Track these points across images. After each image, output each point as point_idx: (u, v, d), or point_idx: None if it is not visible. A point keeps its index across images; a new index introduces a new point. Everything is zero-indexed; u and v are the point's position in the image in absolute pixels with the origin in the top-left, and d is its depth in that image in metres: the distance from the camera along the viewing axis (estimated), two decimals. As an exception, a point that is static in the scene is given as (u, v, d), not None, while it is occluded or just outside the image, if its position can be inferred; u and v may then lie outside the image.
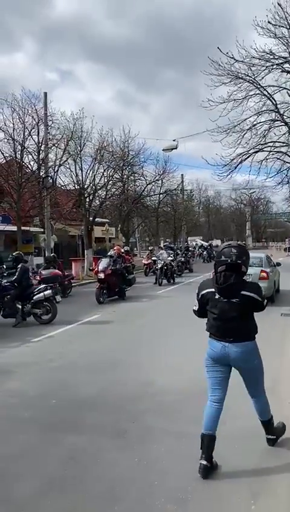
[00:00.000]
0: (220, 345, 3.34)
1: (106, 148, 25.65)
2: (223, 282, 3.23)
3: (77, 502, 2.92)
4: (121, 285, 13.85)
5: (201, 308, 3.55)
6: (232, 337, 3.30)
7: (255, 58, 14.85)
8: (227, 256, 3.23)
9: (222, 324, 3.33)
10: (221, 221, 75.36)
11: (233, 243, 3.42)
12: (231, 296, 3.27)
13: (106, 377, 5.75)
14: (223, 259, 3.25)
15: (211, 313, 3.42)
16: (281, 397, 4.72)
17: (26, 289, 10.06)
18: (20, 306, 9.92)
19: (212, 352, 3.41)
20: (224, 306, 3.30)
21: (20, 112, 18.61)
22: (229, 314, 3.29)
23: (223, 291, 3.27)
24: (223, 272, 3.23)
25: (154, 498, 2.93)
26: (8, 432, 4.15)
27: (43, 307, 10.08)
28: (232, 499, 2.91)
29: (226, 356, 3.34)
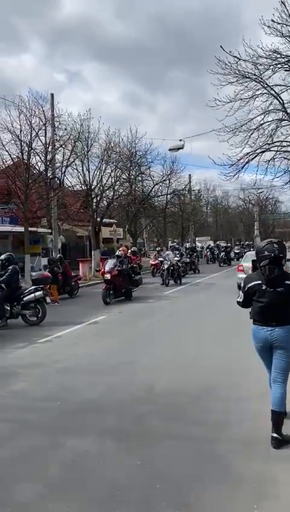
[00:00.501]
0: (264, 330, 3.78)
1: (113, 148, 25.69)
2: (269, 274, 3.64)
3: (79, 505, 2.91)
4: (128, 286, 13.84)
5: (246, 299, 3.97)
6: (275, 321, 3.71)
7: (262, 57, 14.79)
8: (270, 251, 3.63)
9: (268, 311, 3.74)
10: (229, 221, 74.97)
11: (273, 240, 3.83)
12: (276, 286, 3.68)
13: (110, 378, 5.74)
14: (267, 254, 3.64)
15: (258, 302, 3.83)
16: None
17: (15, 291, 9.99)
18: (8, 308, 9.82)
19: (256, 339, 3.89)
20: (271, 295, 3.71)
21: (27, 113, 18.69)
22: (275, 302, 3.70)
23: (270, 282, 3.69)
24: (268, 266, 3.63)
25: (156, 502, 2.90)
26: (11, 434, 4.15)
27: (32, 308, 10.10)
28: (234, 502, 2.87)
29: (269, 339, 3.74)
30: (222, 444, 3.71)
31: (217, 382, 5.36)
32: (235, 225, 75.85)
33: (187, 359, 6.54)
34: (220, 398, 4.79)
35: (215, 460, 3.44)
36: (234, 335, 8.21)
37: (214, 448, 3.63)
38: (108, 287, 13.09)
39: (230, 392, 4.97)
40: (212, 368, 6.03)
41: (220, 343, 7.58)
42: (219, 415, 4.32)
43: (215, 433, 3.90)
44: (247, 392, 4.96)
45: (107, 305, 12.65)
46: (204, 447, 3.64)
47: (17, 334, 9.13)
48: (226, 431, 3.96)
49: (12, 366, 6.59)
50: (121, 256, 14.06)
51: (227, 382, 5.33)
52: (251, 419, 4.19)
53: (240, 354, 6.67)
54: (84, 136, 23.45)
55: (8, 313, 9.80)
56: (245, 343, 7.34)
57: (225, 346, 7.28)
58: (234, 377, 5.55)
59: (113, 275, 13.12)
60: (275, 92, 15.65)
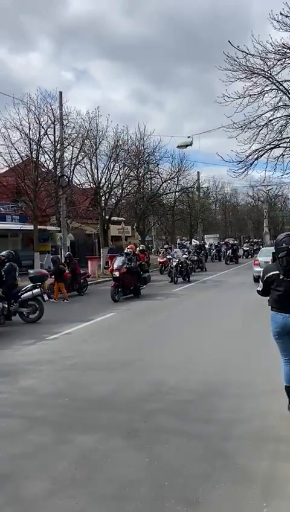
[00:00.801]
0: (282, 316, 4.04)
1: (121, 146, 25.66)
2: (286, 265, 3.91)
3: (87, 501, 2.91)
4: (136, 284, 13.85)
5: (265, 288, 4.25)
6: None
7: (270, 53, 14.65)
8: (287, 244, 3.89)
9: (285, 299, 4.00)
10: (238, 218, 74.59)
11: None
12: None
13: (119, 375, 5.74)
14: (284, 246, 3.90)
15: (276, 291, 4.10)
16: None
17: (11, 288, 9.99)
18: (6, 305, 9.77)
19: (275, 324, 4.11)
20: (287, 284, 3.99)
21: (36, 112, 18.75)
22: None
23: (287, 272, 3.95)
24: (285, 257, 3.90)
25: (165, 499, 2.89)
26: (19, 431, 4.16)
27: (30, 306, 10.13)
28: (243, 500, 2.85)
29: (287, 325, 4.00)
30: (231, 442, 3.69)
31: (227, 380, 5.33)
32: (245, 222, 75.47)
33: (197, 356, 6.51)
34: (229, 396, 4.76)
35: (225, 457, 3.42)
36: (244, 332, 8.18)
37: (223, 446, 3.60)
38: (117, 285, 13.12)
39: (240, 390, 4.93)
40: (222, 365, 6.00)
41: (230, 340, 7.54)
42: (229, 412, 4.30)
43: (224, 431, 3.87)
44: (257, 390, 4.92)
45: (115, 302, 12.67)
46: (213, 445, 3.62)
47: (25, 331, 9.18)
48: (235, 429, 3.94)
49: (21, 362, 6.62)
50: (129, 253, 14.09)
51: (237, 380, 5.30)
52: (261, 418, 4.16)
53: (250, 352, 6.64)
54: (93, 134, 23.46)
55: (5, 311, 9.74)
56: (255, 341, 7.33)
57: (234, 344, 7.24)
58: (244, 374, 5.51)
59: (121, 273, 13.16)
60: (284, 87, 15.52)
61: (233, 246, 32.29)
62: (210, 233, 55.35)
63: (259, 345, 7.05)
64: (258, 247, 43.70)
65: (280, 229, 79.22)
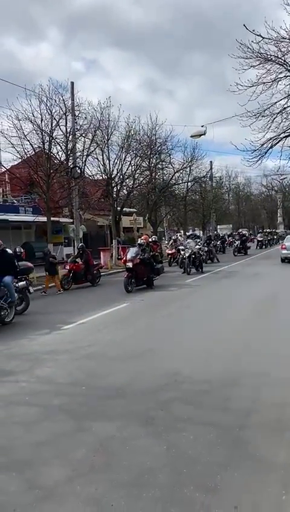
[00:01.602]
0: None
1: (133, 136, 25.54)
2: None
3: (105, 488, 2.94)
4: (149, 274, 13.85)
5: None
6: None
7: (285, 40, 14.37)
8: None
9: None
10: (251, 208, 73.95)
11: None
12: None
13: (134, 365, 5.76)
14: None
15: None
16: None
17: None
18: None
19: None
20: None
21: (47, 103, 18.74)
22: None
23: None
24: None
25: (183, 486, 2.91)
26: (38, 419, 4.22)
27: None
28: (262, 489, 2.85)
29: None
30: (249, 431, 3.68)
31: (243, 369, 5.31)
32: (258, 212, 74.82)
33: (212, 346, 6.50)
34: (246, 385, 4.75)
35: (243, 446, 3.42)
36: (259, 322, 8.14)
37: (240, 435, 3.60)
38: (130, 275, 13.15)
39: (257, 379, 4.92)
40: (238, 354, 5.98)
41: (246, 330, 7.51)
42: (245, 402, 4.29)
43: (241, 420, 3.86)
44: (275, 380, 4.90)
45: (129, 293, 12.70)
46: (230, 433, 3.62)
47: (40, 321, 9.28)
48: (252, 418, 3.93)
49: (37, 352, 6.70)
50: (142, 244, 14.09)
51: (253, 369, 5.28)
52: (279, 406, 4.14)
53: (268, 341, 6.61)
54: (105, 125, 23.38)
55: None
56: (271, 331, 7.29)
57: (250, 334, 7.21)
58: (261, 364, 5.48)
59: (135, 263, 13.18)
60: (299, 74, 15.23)
61: (242, 237, 31.11)
62: (223, 224, 55.05)
63: (275, 334, 7.01)
64: (273, 237, 43.31)
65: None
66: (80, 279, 15.26)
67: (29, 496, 2.91)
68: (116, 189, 25.88)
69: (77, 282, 15.19)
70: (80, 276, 15.17)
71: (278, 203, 70.87)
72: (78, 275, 15.10)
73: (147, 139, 28.14)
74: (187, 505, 2.72)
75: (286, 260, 20.88)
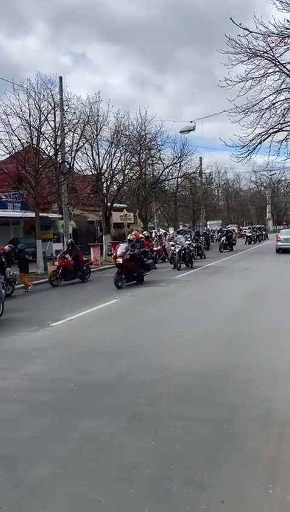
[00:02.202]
0: None
1: (123, 131, 25.42)
2: None
3: (93, 484, 2.93)
4: (140, 270, 13.85)
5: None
6: None
7: (273, 35, 14.37)
8: None
9: None
10: (241, 204, 74.26)
11: None
12: None
13: (124, 360, 5.75)
14: None
15: None
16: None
17: None
18: None
19: None
20: None
21: (36, 98, 18.54)
22: None
23: None
24: None
25: (171, 481, 2.91)
26: (26, 415, 4.19)
27: None
28: (249, 482, 2.86)
29: None
30: (236, 425, 3.70)
31: (232, 364, 5.34)
32: (247, 208, 75.18)
33: (202, 341, 6.52)
34: (234, 380, 4.77)
35: (230, 441, 3.43)
36: (249, 317, 8.19)
37: (228, 429, 3.62)
38: (120, 271, 13.12)
39: (245, 374, 4.94)
40: (227, 349, 6.01)
41: (235, 325, 7.54)
42: (234, 397, 4.31)
43: (229, 415, 3.88)
44: (262, 374, 4.93)
45: (119, 289, 12.67)
46: (218, 428, 3.63)
47: (29, 318, 9.22)
48: (240, 412, 3.95)
49: (26, 348, 6.65)
50: (132, 240, 14.05)
51: (242, 364, 5.31)
52: (266, 401, 4.16)
53: (255, 336, 6.64)
54: (94, 120, 23.22)
55: None
56: (260, 325, 7.34)
57: (239, 328, 7.25)
58: (249, 359, 5.52)
59: (125, 259, 13.14)
60: (287, 69, 15.27)
61: (228, 233, 30.41)
62: (213, 220, 55.19)
63: (264, 329, 7.06)
64: (261, 233, 43.56)
65: (282, 214, 79.20)
66: (70, 276, 15.17)
67: (16, 493, 2.89)
68: (106, 184, 25.76)
69: (66, 279, 15.09)
70: (69, 272, 15.08)
71: (267, 198, 71.32)
72: (67, 271, 14.99)
73: (137, 134, 28.04)
74: (174, 500, 2.72)
75: (280, 251, 23.27)
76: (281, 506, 2.63)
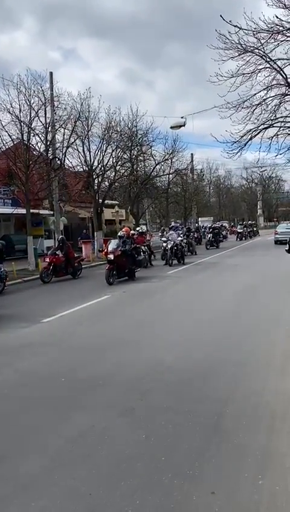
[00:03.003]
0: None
1: (114, 127, 25.34)
2: None
3: (85, 478, 2.93)
4: (131, 266, 13.85)
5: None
6: None
7: (263, 31, 14.37)
8: None
9: None
10: (232, 200, 74.55)
11: None
12: None
13: (115, 356, 5.76)
14: None
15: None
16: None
17: None
18: None
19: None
20: None
21: (26, 93, 18.39)
22: None
23: None
24: None
25: (162, 474, 2.92)
26: (17, 411, 4.18)
27: None
28: (239, 474, 2.89)
29: None
30: (227, 419, 3.72)
31: (223, 359, 5.36)
32: (239, 205, 75.49)
33: (193, 337, 6.54)
34: (225, 374, 4.80)
35: (220, 434, 3.46)
36: (240, 312, 8.23)
37: (219, 423, 3.64)
38: (111, 268, 13.10)
39: (235, 368, 4.97)
40: (218, 344, 6.04)
41: (226, 320, 7.58)
42: (224, 390, 4.33)
43: (220, 408, 3.91)
44: (252, 368, 4.97)
45: (110, 285, 12.66)
46: (209, 422, 3.66)
47: (20, 314, 9.18)
48: (231, 406, 3.98)
49: (17, 345, 6.63)
50: (123, 236, 14.03)
51: (233, 358, 5.34)
52: (256, 395, 4.19)
53: (246, 331, 6.68)
54: (85, 116, 23.12)
55: None
56: (251, 320, 7.38)
57: (231, 323, 7.29)
58: (240, 353, 5.55)
59: (116, 255, 13.13)
60: (278, 66, 15.30)
61: (214, 230, 29.65)
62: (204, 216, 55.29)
63: (255, 324, 7.10)
64: (252, 229, 43.81)
65: (273, 211, 79.61)
66: (61, 272, 15.11)
67: (8, 487, 2.89)
68: (97, 181, 25.68)
69: (57, 275, 15.03)
70: (60, 268, 15.02)
71: (258, 195, 71.65)
72: (58, 268, 14.93)
73: (128, 130, 27.95)
74: (165, 492, 2.74)
75: (278, 242, 26.19)
76: (270, 496, 2.66)
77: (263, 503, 2.61)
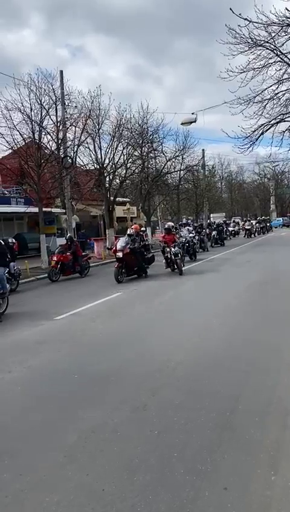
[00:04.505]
0: None
1: (125, 125, 25.33)
2: None
3: (97, 474, 2.96)
4: (140, 264, 13.77)
5: None
6: None
7: (274, 24, 14.21)
8: None
9: None
10: (244, 196, 74.01)
11: None
12: None
13: (127, 352, 5.78)
14: None
15: None
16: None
17: None
18: None
19: None
20: None
21: (37, 92, 18.49)
22: None
23: None
24: None
25: (174, 469, 2.94)
26: (30, 407, 4.23)
27: None
28: (252, 470, 2.88)
29: None
30: (239, 415, 3.72)
31: (234, 355, 5.35)
32: (251, 200, 74.89)
33: (204, 333, 6.53)
34: (236, 371, 4.78)
35: (232, 430, 3.45)
36: (252, 309, 8.19)
37: (230, 419, 3.63)
38: (120, 265, 13.06)
39: (247, 365, 4.95)
40: (230, 341, 6.02)
41: (238, 316, 7.55)
42: (236, 387, 4.32)
43: (231, 405, 3.90)
44: (264, 365, 4.94)
45: (119, 283, 12.63)
46: (221, 418, 3.65)
47: (32, 312, 9.27)
48: (242, 402, 3.96)
49: (30, 342, 6.70)
50: (132, 234, 13.93)
51: (244, 355, 5.32)
52: (268, 391, 4.17)
53: (257, 328, 6.65)
54: (95, 114, 23.14)
55: None
56: (263, 317, 7.34)
57: (242, 320, 7.25)
58: (251, 350, 5.53)
59: (125, 253, 13.07)
60: (288, 59, 15.12)
61: (218, 227, 28.66)
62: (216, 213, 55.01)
63: (266, 320, 7.06)
64: (265, 225, 43.39)
65: (286, 206, 78.81)
66: (68, 270, 15.14)
67: (21, 482, 2.93)
68: (108, 178, 25.72)
69: (65, 274, 15.07)
70: (68, 267, 15.05)
71: (270, 190, 70.99)
72: (66, 266, 14.99)
73: (139, 127, 27.91)
74: (178, 488, 2.75)
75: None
76: (283, 492, 2.65)
77: (275, 499, 2.60)
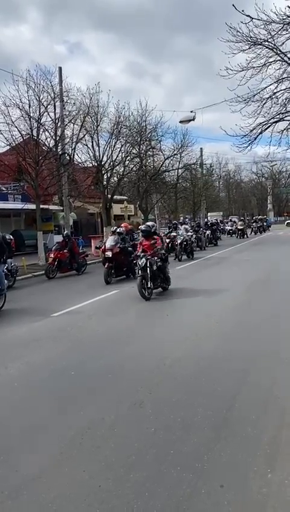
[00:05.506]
0: None
1: (123, 122, 25.28)
2: None
3: (94, 470, 2.96)
4: (130, 265, 12.90)
5: None
6: None
7: (274, 23, 14.20)
8: None
9: None
10: (242, 195, 74.05)
11: None
12: None
13: (124, 349, 5.78)
14: None
15: None
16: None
17: None
18: None
19: None
20: None
21: (35, 89, 18.43)
22: None
23: None
24: None
25: (171, 467, 2.94)
26: (27, 403, 4.23)
27: None
28: (248, 467, 2.89)
29: None
30: (236, 412, 3.72)
31: (232, 353, 5.35)
32: (248, 199, 74.96)
33: (202, 331, 6.53)
34: (234, 369, 4.79)
35: (229, 427, 3.46)
36: (250, 307, 8.20)
37: (227, 416, 3.64)
38: (110, 266, 12.38)
39: (244, 363, 4.96)
40: (227, 339, 6.03)
41: (236, 314, 7.56)
42: (233, 384, 4.33)
43: (229, 402, 3.90)
44: (262, 363, 4.95)
45: (108, 284, 12.06)
46: (218, 415, 3.66)
47: (29, 309, 9.26)
48: (240, 400, 3.97)
49: (27, 338, 6.69)
50: (122, 233, 13.25)
51: (242, 353, 5.33)
52: (265, 389, 4.18)
53: (255, 326, 6.66)
54: (94, 111, 23.09)
55: None
56: (261, 315, 7.35)
57: (240, 318, 7.26)
58: (249, 348, 5.53)
59: (114, 253, 12.45)
60: (288, 58, 15.12)
61: (212, 226, 28.17)
62: (214, 211, 55.05)
63: (265, 319, 7.07)
64: (262, 224, 43.38)
65: (284, 205, 78.96)
66: (65, 268, 15.10)
67: (18, 478, 2.92)
68: (106, 176, 25.67)
69: (61, 271, 15.03)
70: (65, 264, 15.02)
71: (268, 190, 71.13)
72: (63, 263, 14.95)
73: (137, 125, 27.86)
74: (174, 485, 2.75)
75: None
76: (279, 489, 2.66)
77: (271, 496, 2.60)
